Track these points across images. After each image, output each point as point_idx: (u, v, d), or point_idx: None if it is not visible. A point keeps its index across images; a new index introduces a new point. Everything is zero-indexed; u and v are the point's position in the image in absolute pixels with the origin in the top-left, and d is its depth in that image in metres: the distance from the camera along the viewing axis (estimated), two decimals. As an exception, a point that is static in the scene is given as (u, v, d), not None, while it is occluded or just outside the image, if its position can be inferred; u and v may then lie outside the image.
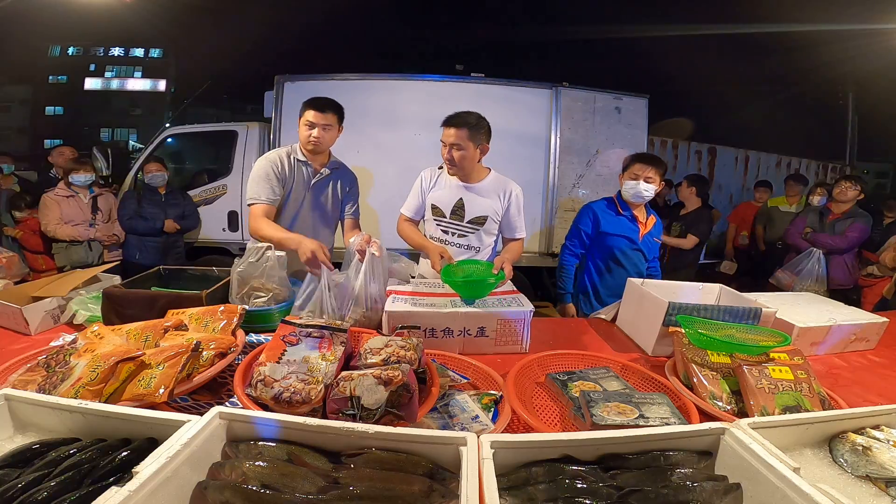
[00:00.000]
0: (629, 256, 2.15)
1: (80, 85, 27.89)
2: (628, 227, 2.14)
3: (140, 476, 0.58)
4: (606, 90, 4.24)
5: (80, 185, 3.47)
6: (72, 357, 0.98)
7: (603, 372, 1.24)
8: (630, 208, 2.15)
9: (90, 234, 3.47)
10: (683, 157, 6.10)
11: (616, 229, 2.13)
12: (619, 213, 2.15)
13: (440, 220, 1.91)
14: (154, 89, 28.61)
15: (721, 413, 1.05)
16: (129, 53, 28.95)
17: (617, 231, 2.13)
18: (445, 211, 1.89)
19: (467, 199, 1.87)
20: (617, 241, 2.14)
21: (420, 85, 4.05)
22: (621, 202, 2.16)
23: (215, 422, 0.73)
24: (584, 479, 0.68)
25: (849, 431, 0.87)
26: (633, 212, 2.15)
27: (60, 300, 1.53)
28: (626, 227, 2.14)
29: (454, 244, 1.90)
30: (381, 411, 0.82)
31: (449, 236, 1.90)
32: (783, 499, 0.64)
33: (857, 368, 1.49)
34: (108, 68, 28.84)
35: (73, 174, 3.43)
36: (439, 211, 1.90)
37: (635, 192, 2.07)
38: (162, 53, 28.73)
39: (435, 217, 1.91)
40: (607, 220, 2.15)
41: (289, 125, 4.06)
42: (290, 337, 1.03)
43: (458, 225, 1.89)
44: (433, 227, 1.92)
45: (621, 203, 2.16)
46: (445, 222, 1.90)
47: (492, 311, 1.43)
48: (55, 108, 26.63)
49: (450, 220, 1.89)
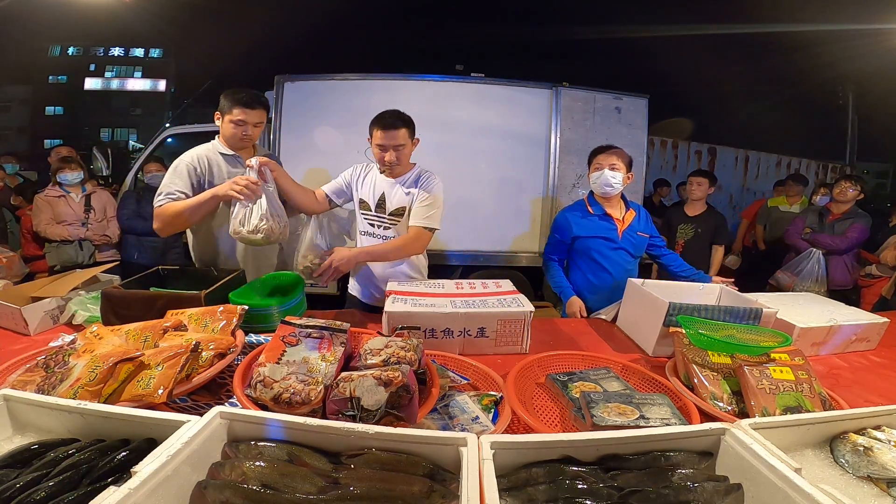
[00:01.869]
0: (609, 257, 2.06)
1: (80, 85, 27.94)
2: (602, 226, 2.06)
3: (140, 475, 0.58)
4: (606, 90, 4.23)
5: (69, 184, 3.46)
6: (71, 357, 0.98)
7: (603, 372, 1.24)
8: (601, 206, 2.07)
9: (81, 234, 3.45)
10: (683, 157, 6.11)
11: (589, 231, 2.06)
12: (590, 212, 2.07)
13: (366, 214, 1.93)
14: (154, 89, 28.65)
15: (722, 414, 1.05)
16: (129, 53, 28.99)
17: (591, 233, 2.05)
18: (371, 204, 1.92)
19: (388, 193, 1.90)
20: (593, 242, 2.06)
21: (420, 85, 4.04)
22: (592, 202, 2.09)
23: (216, 421, 0.73)
24: (585, 479, 0.68)
25: (850, 432, 0.87)
26: (606, 209, 2.06)
27: (59, 300, 1.53)
28: (599, 228, 2.06)
29: (381, 237, 1.91)
30: (381, 412, 0.82)
31: (375, 229, 1.93)
32: (784, 499, 0.64)
33: (858, 369, 1.49)
34: (108, 68, 28.89)
35: (59, 173, 3.42)
36: (366, 205, 1.93)
37: (602, 181, 2.00)
38: (162, 53, 28.77)
39: (362, 211, 1.94)
40: (579, 224, 2.07)
41: (289, 125, 4.06)
42: (289, 337, 1.02)
43: (381, 217, 1.91)
44: (361, 221, 1.95)
45: (592, 203, 2.09)
46: (372, 216, 1.92)
47: (492, 311, 1.42)
48: (55, 108, 26.67)
49: (375, 214, 1.91)
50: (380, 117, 1.81)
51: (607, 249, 2.06)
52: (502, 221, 4.05)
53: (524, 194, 4.17)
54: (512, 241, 4.17)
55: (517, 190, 4.14)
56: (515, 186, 4.13)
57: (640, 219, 2.12)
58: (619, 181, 1.99)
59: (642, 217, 2.15)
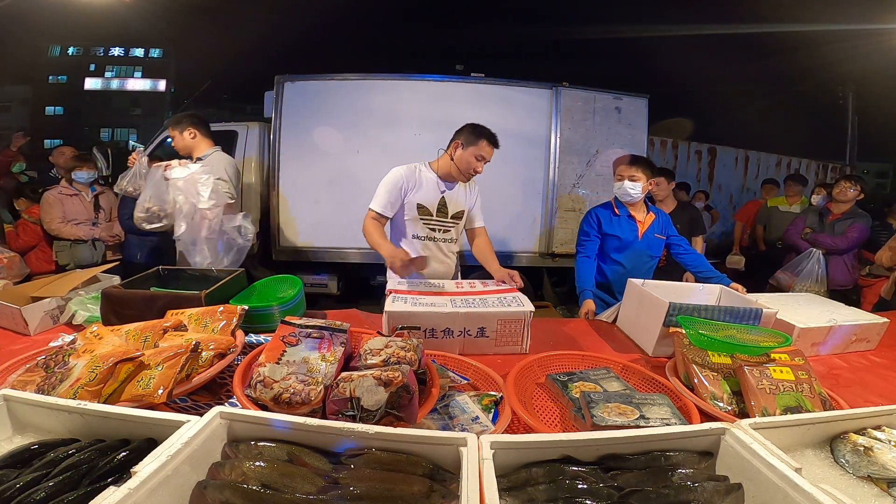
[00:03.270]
0: (629, 255, 2.23)
1: (80, 85, 27.88)
2: (626, 226, 2.23)
3: (139, 475, 0.58)
4: (606, 90, 4.23)
5: (82, 183, 3.47)
6: (71, 357, 0.98)
7: (603, 372, 1.24)
8: (626, 208, 2.24)
9: (94, 234, 3.47)
10: (683, 157, 6.10)
11: (615, 230, 2.23)
12: (616, 213, 2.25)
13: (427, 219, 1.99)
14: (154, 89, 28.60)
15: (722, 414, 1.05)
16: (129, 53, 28.94)
17: (616, 232, 2.22)
18: (431, 209, 1.99)
19: (448, 196, 2.01)
20: (616, 241, 2.23)
21: (420, 85, 4.04)
22: (618, 204, 2.26)
23: (216, 421, 0.73)
24: (585, 479, 0.68)
25: (850, 432, 0.87)
26: (630, 211, 2.23)
27: (59, 300, 1.53)
28: (624, 227, 2.23)
29: (441, 240, 2.03)
30: (381, 412, 0.82)
31: (436, 233, 2.02)
32: (784, 499, 0.64)
33: (858, 369, 1.49)
34: (108, 68, 28.83)
35: (76, 171, 3.43)
36: (425, 210, 1.98)
37: (622, 191, 2.18)
38: (162, 53, 28.72)
39: (421, 216, 1.98)
40: (607, 222, 2.24)
41: (289, 125, 4.05)
42: (289, 337, 1.02)
43: (443, 221, 2.02)
44: (419, 226, 2.00)
45: (618, 205, 2.26)
46: (433, 221, 2.00)
47: (492, 311, 1.42)
48: (55, 108, 26.63)
49: (436, 218, 2.00)
50: (490, 134, 1.94)
51: (629, 248, 2.22)
52: (502, 221, 4.05)
53: (524, 194, 4.17)
54: (512, 241, 4.17)
55: (517, 190, 4.14)
56: (515, 186, 4.13)
57: (658, 222, 2.28)
58: (637, 192, 2.16)
59: (661, 220, 2.29)
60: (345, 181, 3.97)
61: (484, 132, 1.93)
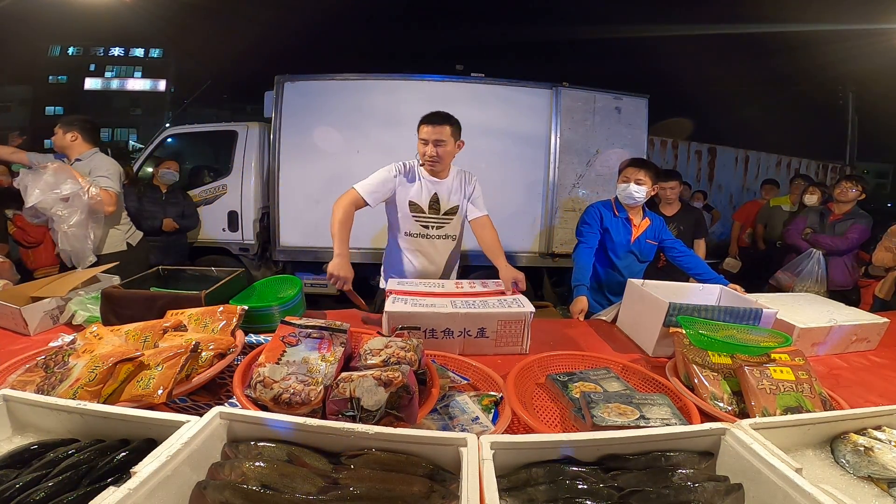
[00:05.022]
0: (622, 258, 2.24)
1: (80, 85, 27.91)
2: (623, 228, 2.24)
3: (139, 475, 0.58)
4: (606, 90, 4.23)
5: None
6: (70, 358, 0.98)
7: (603, 373, 1.24)
8: (626, 211, 2.24)
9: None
10: (683, 156, 6.10)
11: (613, 229, 2.23)
12: (616, 214, 2.25)
13: (418, 216, 1.97)
14: (154, 89, 28.63)
15: (722, 414, 1.04)
16: (129, 53, 28.97)
17: (612, 231, 2.23)
18: (423, 206, 1.96)
19: (439, 193, 1.97)
20: (611, 242, 2.24)
21: (420, 85, 4.05)
22: (618, 205, 2.27)
23: (216, 422, 0.72)
24: (585, 479, 0.68)
25: (850, 432, 0.87)
26: (629, 214, 2.24)
27: (59, 301, 1.52)
28: (620, 229, 2.23)
29: (434, 236, 2.00)
30: (381, 412, 0.82)
31: (429, 230, 1.99)
32: (785, 499, 0.64)
33: (858, 369, 1.49)
34: (108, 68, 28.86)
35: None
36: (417, 207, 1.96)
37: (626, 193, 2.17)
38: (162, 53, 28.74)
39: (413, 213, 1.97)
40: (608, 219, 2.25)
41: (289, 125, 4.05)
42: (289, 338, 1.02)
43: (436, 217, 1.99)
44: (411, 223, 1.98)
45: (618, 206, 2.26)
46: (425, 217, 1.98)
47: (492, 311, 1.42)
48: (55, 108, 26.59)
49: (429, 215, 1.98)
50: (427, 114, 1.89)
51: (622, 251, 2.23)
52: (502, 221, 4.03)
53: (524, 194, 4.17)
54: (512, 240, 4.17)
55: (517, 190, 4.14)
56: (515, 186, 4.13)
57: (653, 227, 2.27)
58: (642, 195, 2.15)
59: (656, 226, 2.29)
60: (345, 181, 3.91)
61: (422, 118, 1.90)
